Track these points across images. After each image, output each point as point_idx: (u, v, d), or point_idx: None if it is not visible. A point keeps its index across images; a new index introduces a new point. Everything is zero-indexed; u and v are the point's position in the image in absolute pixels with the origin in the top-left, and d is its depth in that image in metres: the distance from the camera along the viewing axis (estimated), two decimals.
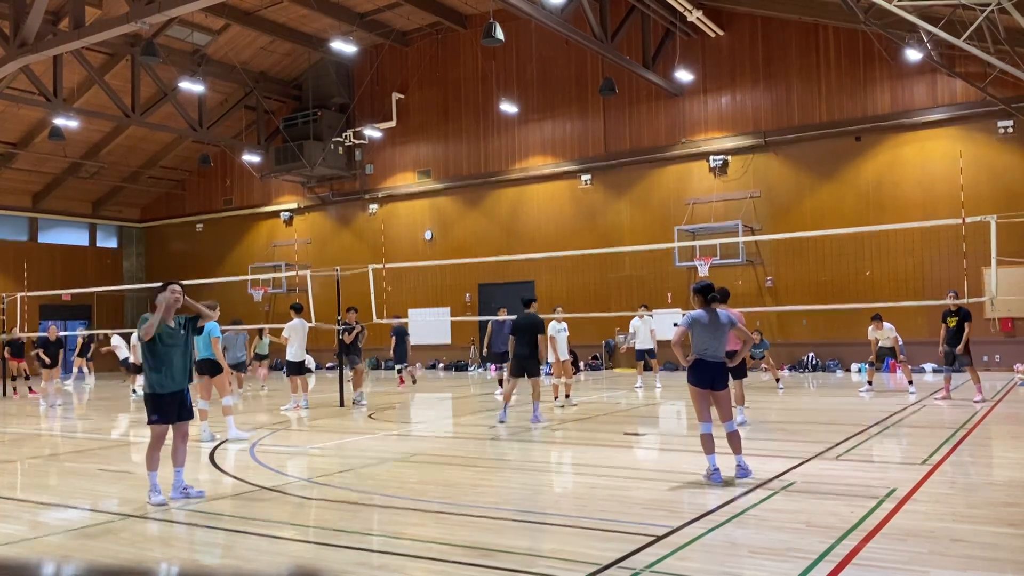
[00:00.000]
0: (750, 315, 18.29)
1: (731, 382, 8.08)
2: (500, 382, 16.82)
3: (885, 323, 15.30)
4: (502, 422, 11.67)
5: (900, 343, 15.42)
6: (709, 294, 7.31)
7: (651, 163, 23.94)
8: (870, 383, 15.31)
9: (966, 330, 13.13)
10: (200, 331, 7.28)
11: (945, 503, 6.12)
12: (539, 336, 11.86)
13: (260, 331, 21.20)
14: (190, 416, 7.06)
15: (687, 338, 7.32)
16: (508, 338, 16.01)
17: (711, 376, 7.16)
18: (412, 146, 28.27)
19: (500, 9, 19.62)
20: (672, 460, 8.57)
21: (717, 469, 6.99)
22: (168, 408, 6.81)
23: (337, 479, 7.77)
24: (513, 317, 16.56)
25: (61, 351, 19.17)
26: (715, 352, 7.20)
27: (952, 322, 13.34)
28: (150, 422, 6.83)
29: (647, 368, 18.03)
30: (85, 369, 24.62)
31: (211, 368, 11.20)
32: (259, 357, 20.73)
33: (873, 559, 4.75)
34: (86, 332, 25.65)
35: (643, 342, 17.36)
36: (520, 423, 11.95)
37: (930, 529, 5.35)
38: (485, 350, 16.92)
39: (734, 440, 7.25)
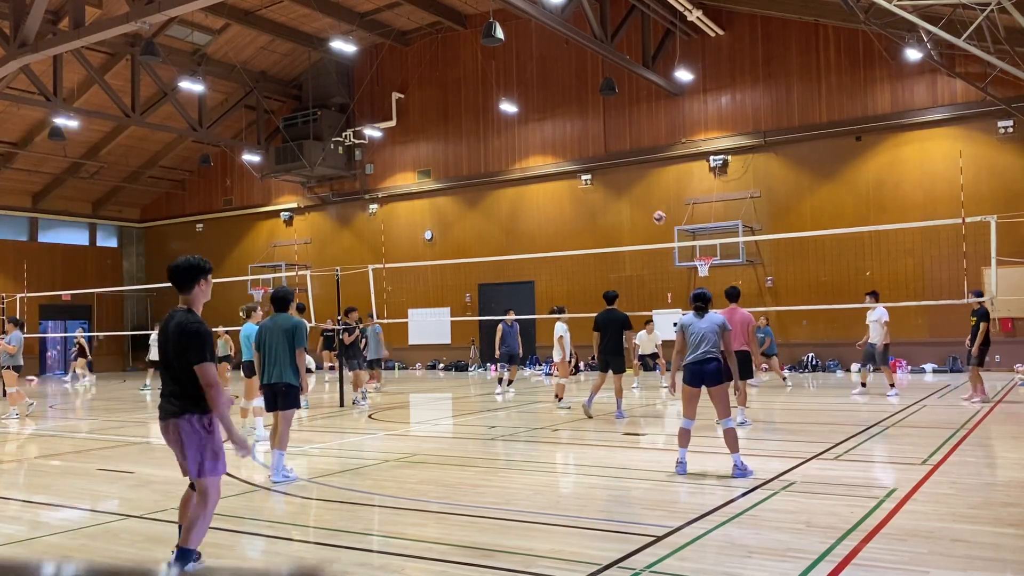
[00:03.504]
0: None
1: (737, 381, 8.28)
2: (500, 381, 16.84)
3: (880, 305, 14.56)
4: (589, 416, 12.06)
5: (885, 342, 14.39)
6: (695, 302, 7.73)
7: (651, 163, 23.93)
8: (863, 384, 15.18)
9: (980, 329, 13.08)
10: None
11: (945, 503, 6.12)
12: (625, 332, 12.15)
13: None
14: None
15: (683, 344, 7.73)
16: (517, 339, 16.58)
17: (700, 375, 7.48)
18: (412, 146, 28.26)
19: (500, 9, 19.61)
20: (672, 460, 8.55)
21: (683, 462, 7.44)
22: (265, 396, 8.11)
23: (337, 479, 7.77)
24: (517, 318, 17.01)
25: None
26: (703, 352, 7.47)
27: (973, 321, 13.33)
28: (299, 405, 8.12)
29: (647, 369, 18.60)
30: (80, 371, 24.32)
31: (248, 370, 11.08)
32: (221, 359, 20.52)
33: (873, 559, 4.75)
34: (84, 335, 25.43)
35: (645, 349, 18.26)
36: (520, 423, 11.95)
37: (930, 529, 5.35)
38: (497, 352, 17.04)
39: (729, 438, 7.33)
